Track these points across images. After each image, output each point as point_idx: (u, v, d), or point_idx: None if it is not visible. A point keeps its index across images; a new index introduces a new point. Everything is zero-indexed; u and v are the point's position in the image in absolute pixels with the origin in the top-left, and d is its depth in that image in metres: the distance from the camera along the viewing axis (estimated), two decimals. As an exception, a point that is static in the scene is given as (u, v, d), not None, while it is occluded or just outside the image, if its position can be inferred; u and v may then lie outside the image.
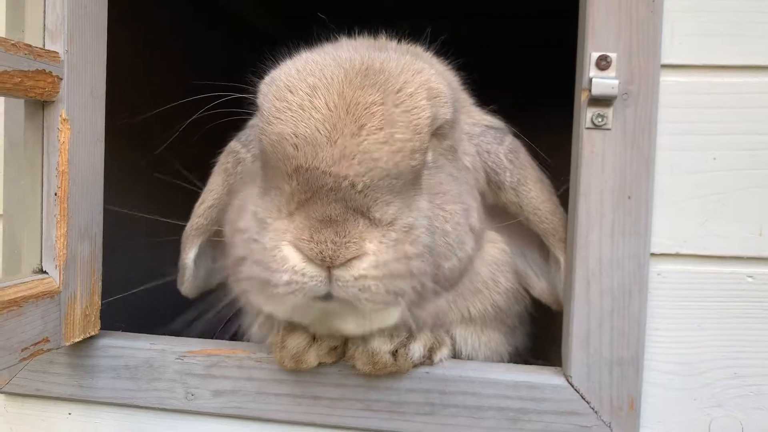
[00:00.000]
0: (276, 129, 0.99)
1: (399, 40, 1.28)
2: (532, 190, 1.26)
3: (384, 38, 1.28)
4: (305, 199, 0.98)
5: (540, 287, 1.33)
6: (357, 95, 0.98)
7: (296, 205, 0.99)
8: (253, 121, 1.34)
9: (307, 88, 0.99)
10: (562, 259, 1.25)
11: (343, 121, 0.96)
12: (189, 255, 1.37)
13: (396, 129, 0.98)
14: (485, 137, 1.28)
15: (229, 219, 1.22)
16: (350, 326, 1.09)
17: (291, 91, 1.00)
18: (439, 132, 1.11)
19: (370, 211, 0.98)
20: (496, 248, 1.27)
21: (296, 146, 0.97)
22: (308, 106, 0.98)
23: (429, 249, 1.05)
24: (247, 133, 1.35)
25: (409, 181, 1.03)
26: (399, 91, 1.01)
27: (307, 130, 0.96)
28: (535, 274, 1.34)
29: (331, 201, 0.97)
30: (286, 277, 0.98)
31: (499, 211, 1.30)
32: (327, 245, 0.96)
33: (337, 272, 0.98)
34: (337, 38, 1.26)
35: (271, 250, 0.99)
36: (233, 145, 1.36)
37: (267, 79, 1.09)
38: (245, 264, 1.05)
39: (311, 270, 0.98)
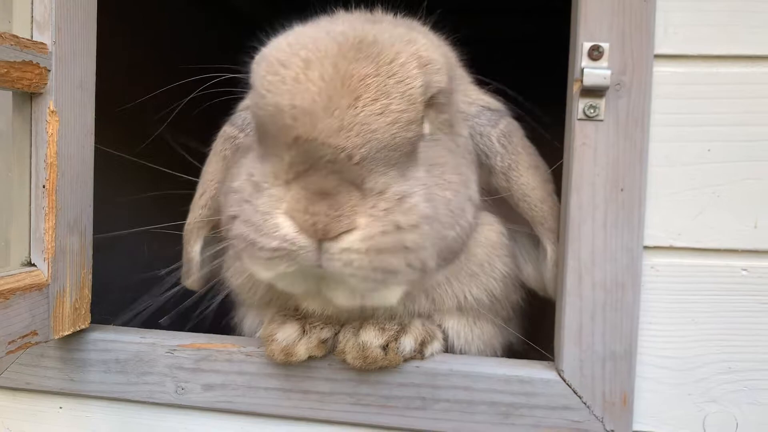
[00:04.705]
0: (272, 100, 0.98)
1: (395, 14, 1.26)
2: (522, 176, 1.24)
3: (380, 11, 1.25)
4: (303, 170, 0.98)
5: (527, 272, 1.31)
6: (351, 67, 0.97)
7: (294, 174, 0.99)
8: (245, 103, 1.33)
9: (300, 62, 0.98)
10: (549, 249, 1.23)
11: (339, 93, 0.95)
12: (195, 248, 1.34)
13: (391, 100, 0.97)
14: (479, 119, 1.26)
15: (226, 186, 1.19)
16: (341, 298, 1.07)
17: (284, 65, 0.99)
18: (435, 102, 1.09)
19: (363, 183, 0.98)
20: (492, 230, 1.25)
21: (294, 117, 0.96)
22: (303, 78, 0.97)
23: (429, 220, 1.03)
24: (242, 117, 1.32)
25: (405, 153, 1.02)
26: (391, 62, 1.00)
27: (304, 101, 0.95)
28: (523, 259, 1.32)
29: (328, 173, 0.96)
30: (274, 244, 0.98)
31: (493, 194, 1.28)
32: (320, 218, 0.96)
33: (326, 244, 0.97)
34: (334, 12, 1.23)
35: (263, 214, 0.99)
36: (229, 130, 1.33)
37: (257, 56, 1.08)
38: (235, 223, 1.05)
39: (302, 240, 0.97)
